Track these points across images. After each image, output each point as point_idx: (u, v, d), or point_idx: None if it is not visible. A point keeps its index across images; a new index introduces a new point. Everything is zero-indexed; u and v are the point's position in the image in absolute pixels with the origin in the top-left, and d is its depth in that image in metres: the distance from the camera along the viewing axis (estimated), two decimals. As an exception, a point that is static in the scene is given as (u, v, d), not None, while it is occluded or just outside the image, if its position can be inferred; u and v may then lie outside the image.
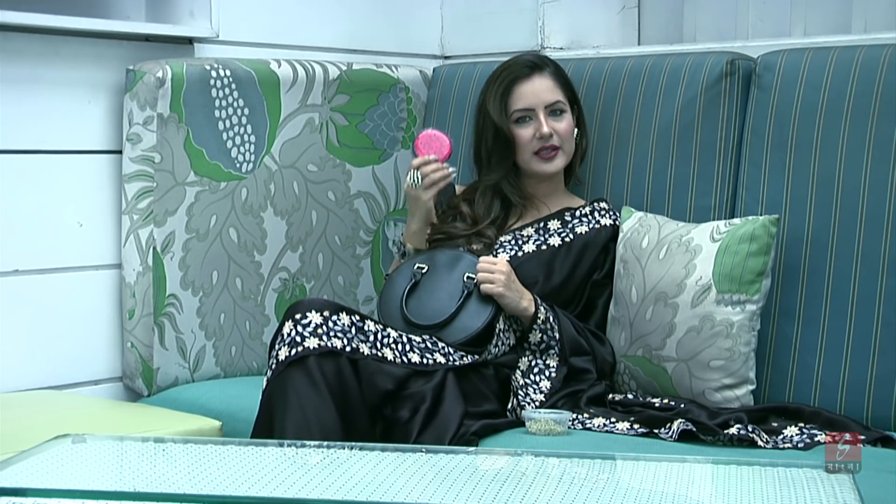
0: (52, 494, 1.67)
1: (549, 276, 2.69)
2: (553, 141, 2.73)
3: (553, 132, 2.72)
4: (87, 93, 2.77)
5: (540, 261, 2.70)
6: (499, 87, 2.75)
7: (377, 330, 2.41)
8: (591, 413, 2.48)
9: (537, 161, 2.75)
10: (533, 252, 2.72)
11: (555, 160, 2.75)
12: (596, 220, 2.77)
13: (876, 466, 2.10)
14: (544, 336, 2.58)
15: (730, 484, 1.83)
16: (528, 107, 2.73)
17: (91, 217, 2.78)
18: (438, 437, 2.32)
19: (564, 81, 2.78)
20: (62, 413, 2.57)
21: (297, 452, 2.00)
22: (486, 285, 2.56)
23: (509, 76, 2.75)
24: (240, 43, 3.02)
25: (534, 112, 2.73)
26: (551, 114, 2.73)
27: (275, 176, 2.93)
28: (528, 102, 2.73)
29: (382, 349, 2.39)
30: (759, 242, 2.49)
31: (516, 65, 2.76)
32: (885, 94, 2.49)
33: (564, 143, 2.75)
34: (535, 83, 2.74)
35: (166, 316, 2.77)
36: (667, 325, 2.53)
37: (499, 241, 2.74)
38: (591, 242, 2.74)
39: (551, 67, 2.77)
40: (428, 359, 2.43)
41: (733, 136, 2.70)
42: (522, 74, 2.75)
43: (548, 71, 2.76)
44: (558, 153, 2.74)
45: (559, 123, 2.74)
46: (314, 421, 2.28)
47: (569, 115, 2.75)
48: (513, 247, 2.73)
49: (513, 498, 1.72)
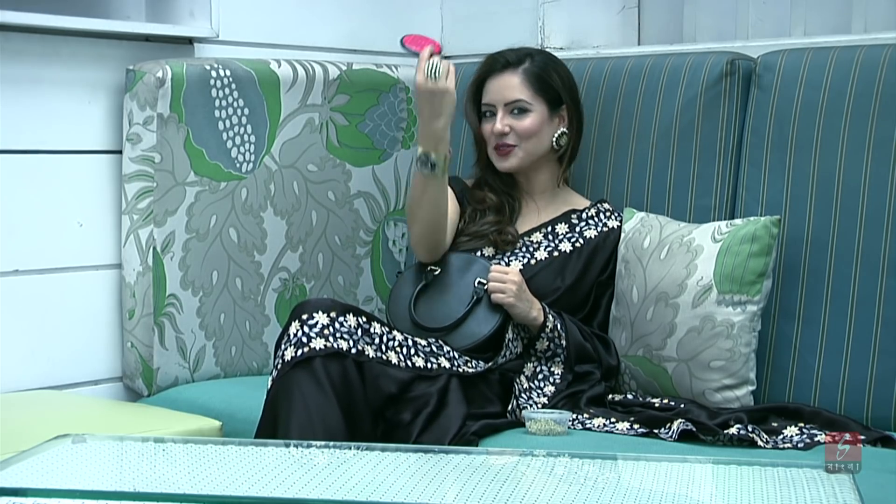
0: (52, 494, 1.67)
1: (562, 283, 2.68)
2: (508, 139, 2.72)
3: (509, 130, 2.72)
4: (87, 93, 2.77)
5: (553, 268, 2.70)
6: (473, 78, 2.79)
7: (383, 332, 2.41)
8: (591, 413, 2.48)
9: (495, 157, 2.75)
10: (545, 259, 2.71)
11: (508, 158, 2.73)
12: (603, 222, 2.77)
13: (876, 466, 2.10)
14: (551, 344, 2.58)
15: (730, 484, 1.83)
16: (489, 102, 2.75)
17: (91, 217, 2.78)
18: (439, 438, 2.32)
19: (540, 79, 2.72)
20: (62, 413, 2.57)
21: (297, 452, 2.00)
22: (497, 295, 2.56)
23: (483, 69, 2.77)
24: (240, 43, 3.02)
25: (494, 108, 2.73)
26: (511, 112, 2.72)
27: (275, 176, 2.93)
28: (490, 98, 2.75)
29: (387, 352, 2.39)
30: (760, 243, 2.49)
31: (495, 58, 2.77)
32: (885, 94, 2.49)
33: (523, 142, 2.73)
34: (503, 80, 2.73)
35: (166, 316, 2.77)
36: (667, 326, 2.53)
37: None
38: (601, 246, 2.73)
39: (529, 65, 2.73)
40: (432, 363, 2.43)
41: (733, 136, 2.70)
42: (495, 69, 2.75)
43: (521, 68, 2.73)
44: (513, 151, 2.73)
45: (518, 121, 2.71)
46: (318, 421, 2.27)
47: (535, 114, 2.71)
48: (524, 254, 2.72)
49: (513, 498, 1.72)
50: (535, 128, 2.72)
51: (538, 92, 2.73)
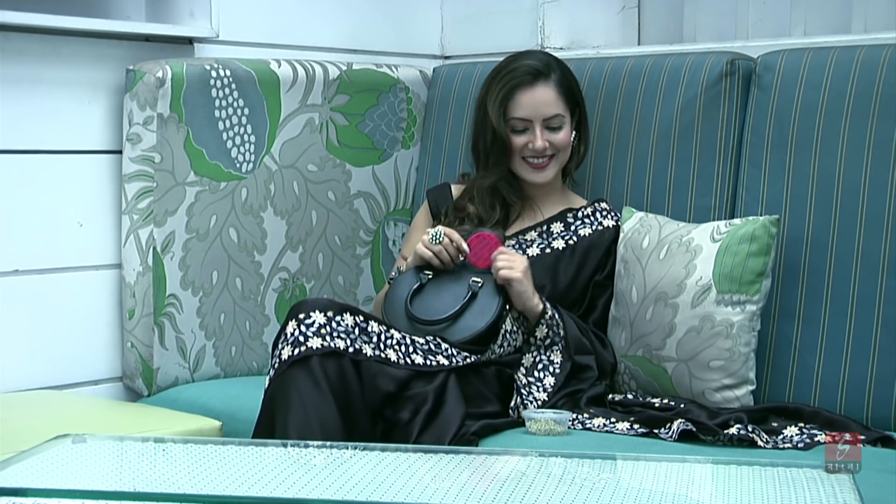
0: (52, 494, 1.67)
1: (555, 279, 2.69)
2: (546, 153, 2.73)
3: (547, 145, 2.72)
4: (87, 93, 2.77)
5: (545, 265, 2.70)
6: (500, 90, 2.72)
7: (381, 331, 2.41)
8: (591, 413, 2.48)
9: (527, 170, 2.75)
10: (537, 256, 2.72)
11: (545, 171, 2.74)
12: (598, 221, 2.77)
13: (876, 466, 2.10)
14: (550, 332, 2.58)
15: (730, 484, 1.83)
16: (525, 117, 2.71)
17: (91, 217, 2.78)
18: (439, 437, 2.32)
19: (568, 89, 2.74)
20: (62, 413, 2.57)
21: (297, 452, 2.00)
22: (504, 271, 2.56)
23: (512, 80, 2.72)
24: (240, 43, 3.02)
25: (531, 123, 2.72)
26: (549, 127, 2.72)
27: (275, 176, 2.93)
28: (526, 113, 2.71)
29: (386, 350, 2.39)
30: (759, 243, 2.49)
31: (521, 69, 2.72)
32: (885, 94, 2.49)
33: (559, 154, 2.74)
34: (536, 93, 2.71)
35: (166, 316, 2.77)
36: (667, 326, 2.53)
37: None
38: (595, 244, 2.74)
39: (557, 74, 2.73)
40: (431, 360, 2.43)
41: (733, 136, 2.70)
42: (525, 82, 2.71)
43: (552, 79, 2.72)
44: (550, 163, 2.74)
45: (556, 135, 2.72)
46: (316, 421, 2.27)
47: (567, 125, 2.74)
48: (516, 252, 2.72)
49: (513, 498, 1.72)
50: (568, 139, 2.75)
51: (567, 102, 2.74)
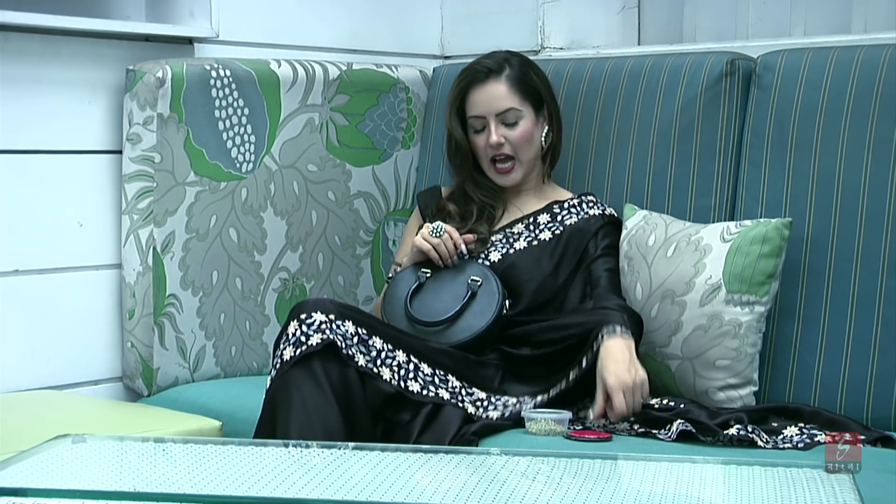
0: (52, 494, 1.67)
1: (541, 268, 2.68)
2: (505, 150, 2.72)
3: (504, 140, 2.72)
4: (87, 93, 2.77)
5: (532, 256, 2.70)
6: (455, 91, 2.76)
7: (384, 348, 2.39)
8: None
9: (494, 172, 2.75)
10: (524, 248, 2.71)
11: (510, 174, 2.74)
12: (584, 210, 2.76)
13: (876, 466, 2.10)
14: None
15: (730, 484, 1.83)
16: (479, 114, 2.73)
17: (91, 217, 2.78)
18: (439, 437, 2.32)
19: (524, 84, 2.73)
20: (62, 413, 2.57)
21: (297, 452, 2.00)
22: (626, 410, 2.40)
23: (465, 79, 2.75)
24: (240, 43, 3.02)
25: (485, 119, 2.72)
26: (503, 122, 2.72)
27: (275, 176, 2.93)
28: (480, 110, 2.73)
29: (381, 367, 2.37)
30: (771, 244, 2.49)
31: (475, 68, 2.75)
32: (885, 94, 2.49)
33: (518, 151, 2.73)
34: (487, 89, 2.72)
35: (166, 316, 2.77)
36: (673, 323, 2.53)
37: (490, 241, 2.73)
38: (581, 229, 2.72)
39: (511, 70, 2.73)
40: (428, 392, 2.40)
41: (733, 136, 2.70)
42: (478, 79, 2.73)
43: (505, 75, 2.72)
44: (514, 165, 2.73)
45: (512, 131, 2.72)
46: (317, 421, 2.28)
47: (525, 121, 2.72)
48: (504, 245, 2.72)
49: (513, 498, 1.72)
50: (528, 134, 2.73)
51: (525, 96, 2.73)
